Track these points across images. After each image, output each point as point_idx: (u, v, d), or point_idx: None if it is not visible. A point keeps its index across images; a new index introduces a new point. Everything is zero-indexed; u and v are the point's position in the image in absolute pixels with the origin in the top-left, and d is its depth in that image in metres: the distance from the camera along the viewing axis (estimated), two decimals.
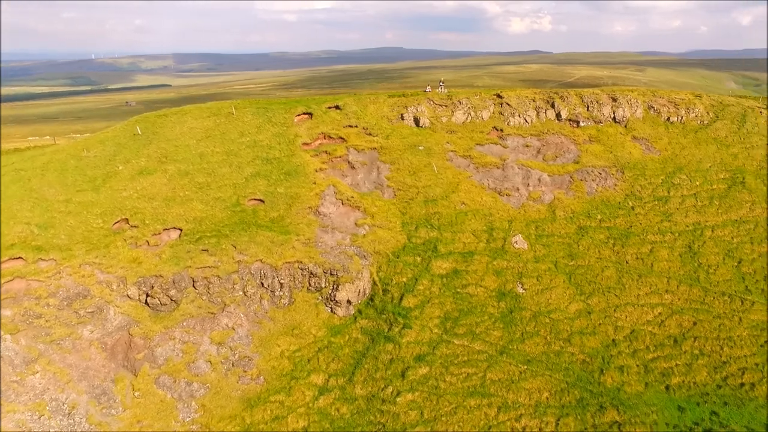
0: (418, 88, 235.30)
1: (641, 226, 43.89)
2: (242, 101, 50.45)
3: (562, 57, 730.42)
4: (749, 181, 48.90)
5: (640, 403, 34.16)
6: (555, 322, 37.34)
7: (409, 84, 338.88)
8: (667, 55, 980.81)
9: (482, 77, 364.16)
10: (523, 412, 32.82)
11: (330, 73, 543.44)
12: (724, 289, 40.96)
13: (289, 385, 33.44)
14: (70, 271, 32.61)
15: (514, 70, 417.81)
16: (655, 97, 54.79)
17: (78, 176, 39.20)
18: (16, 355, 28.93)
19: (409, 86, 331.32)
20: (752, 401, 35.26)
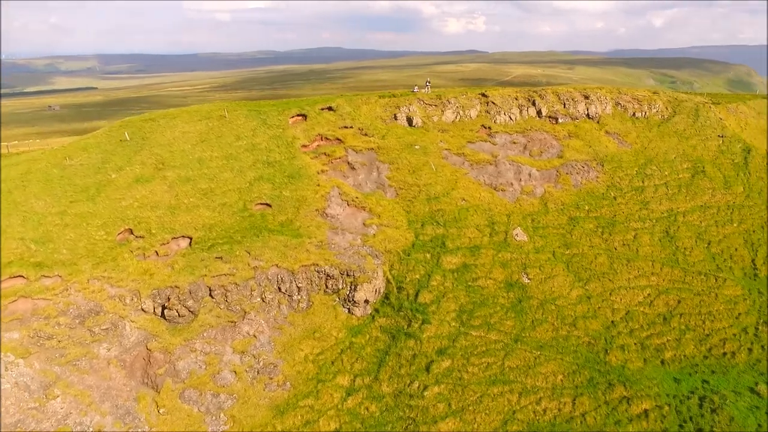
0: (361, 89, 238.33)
1: (624, 215, 47.24)
2: (232, 103, 49.07)
3: (497, 56, 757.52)
4: (708, 169, 53.81)
5: (642, 378, 36.91)
6: (560, 308, 39.52)
7: (350, 84, 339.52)
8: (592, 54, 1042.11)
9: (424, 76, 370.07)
10: (542, 395, 34.59)
11: (269, 73, 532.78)
12: (700, 269, 44.98)
13: (317, 389, 33.31)
14: (79, 287, 30.70)
15: (454, 69, 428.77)
16: (621, 95, 58.91)
17: (67, 186, 36.76)
18: (31, 380, 26.97)
19: (350, 86, 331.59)
20: (734, 368, 39.11)
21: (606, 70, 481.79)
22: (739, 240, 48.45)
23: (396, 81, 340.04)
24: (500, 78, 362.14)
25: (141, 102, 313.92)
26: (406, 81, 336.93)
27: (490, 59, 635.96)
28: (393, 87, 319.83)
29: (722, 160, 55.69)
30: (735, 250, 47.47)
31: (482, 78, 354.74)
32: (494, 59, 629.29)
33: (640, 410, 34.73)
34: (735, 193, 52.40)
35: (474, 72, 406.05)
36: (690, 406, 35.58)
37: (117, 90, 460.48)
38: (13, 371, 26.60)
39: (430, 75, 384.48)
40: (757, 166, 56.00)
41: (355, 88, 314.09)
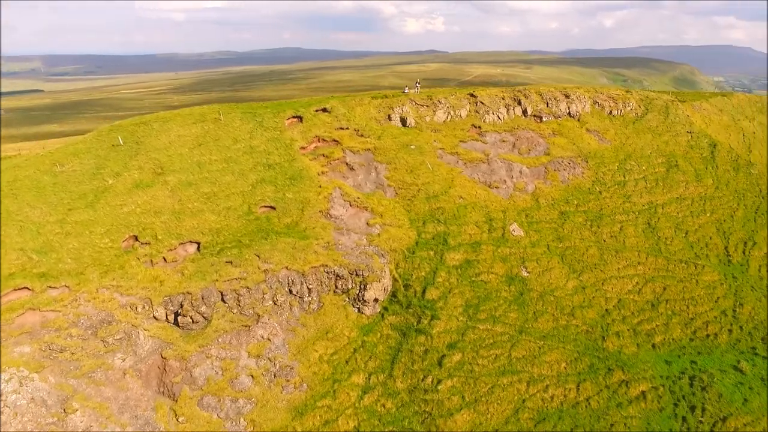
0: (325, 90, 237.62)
1: (609, 208, 49.62)
2: (225, 106, 48.31)
3: (458, 56, 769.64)
4: (681, 163, 57.15)
5: (638, 361, 39.07)
6: (558, 299, 41.22)
7: (313, 85, 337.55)
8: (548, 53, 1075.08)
9: (387, 77, 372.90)
10: (549, 383, 36.10)
11: (228, 74, 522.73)
12: (680, 257, 47.82)
13: (333, 389, 33.58)
14: (88, 297, 29.82)
15: (416, 69, 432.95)
16: (597, 94, 61.67)
17: (62, 194, 35.48)
18: (48, 395, 26.09)
19: (313, 87, 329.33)
20: (717, 348, 41.90)
21: (562, 69, 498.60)
22: (712, 229, 51.77)
23: (359, 82, 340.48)
24: (461, 78, 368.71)
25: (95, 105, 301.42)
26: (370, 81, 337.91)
27: (451, 59, 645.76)
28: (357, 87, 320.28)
29: (692, 154, 59.25)
30: (710, 238, 50.71)
31: (444, 78, 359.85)
32: (455, 59, 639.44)
33: (638, 392, 36.78)
34: (706, 185, 55.89)
35: (436, 72, 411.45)
36: (682, 385, 37.94)
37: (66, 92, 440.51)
38: (28, 386, 25.66)
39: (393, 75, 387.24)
40: (723, 160, 59.89)
41: (319, 89, 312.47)
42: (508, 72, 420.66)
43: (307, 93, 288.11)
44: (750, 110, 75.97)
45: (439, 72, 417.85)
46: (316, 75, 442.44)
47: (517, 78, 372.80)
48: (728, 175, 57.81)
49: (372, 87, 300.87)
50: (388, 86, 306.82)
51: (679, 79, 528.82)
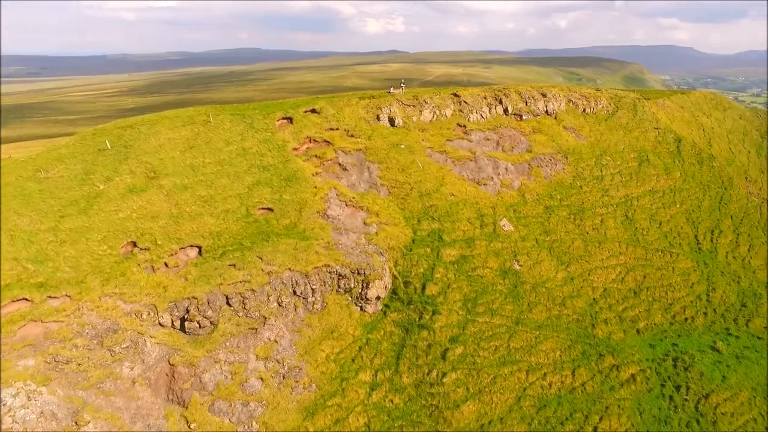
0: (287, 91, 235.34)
1: (590, 202, 51.89)
2: (213, 108, 47.51)
3: (419, 56, 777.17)
4: (651, 158, 60.32)
5: (625, 346, 41.19)
6: (550, 290, 42.88)
7: (275, 86, 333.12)
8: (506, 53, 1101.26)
9: (349, 77, 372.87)
10: (546, 371, 37.61)
11: (184, 76, 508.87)
12: (657, 247, 50.58)
13: (342, 387, 33.87)
14: (91, 306, 28.97)
15: (379, 70, 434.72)
16: (571, 92, 64.20)
17: (51, 201, 34.18)
18: (58, 408, 25.26)
19: (275, 88, 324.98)
20: (695, 330, 44.66)
21: (520, 68, 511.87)
22: (682, 219, 54.97)
23: (322, 82, 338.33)
24: (423, 78, 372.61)
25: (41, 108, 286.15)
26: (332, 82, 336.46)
27: (412, 59, 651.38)
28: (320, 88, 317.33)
29: (660, 149, 62.62)
30: (681, 228, 53.84)
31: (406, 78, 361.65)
32: (416, 59, 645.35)
33: (628, 375, 38.82)
34: (674, 178, 59.23)
35: (398, 72, 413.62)
36: (666, 367, 40.29)
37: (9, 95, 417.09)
38: (37, 400, 24.78)
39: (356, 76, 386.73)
40: (688, 154, 63.56)
41: (281, 89, 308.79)
42: (468, 72, 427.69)
43: (269, 94, 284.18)
44: (707, 107, 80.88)
45: (401, 72, 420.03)
46: (276, 76, 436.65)
47: (477, 77, 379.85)
48: (693, 168, 61.44)
49: (335, 88, 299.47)
50: (352, 87, 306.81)
51: (629, 78, 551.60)
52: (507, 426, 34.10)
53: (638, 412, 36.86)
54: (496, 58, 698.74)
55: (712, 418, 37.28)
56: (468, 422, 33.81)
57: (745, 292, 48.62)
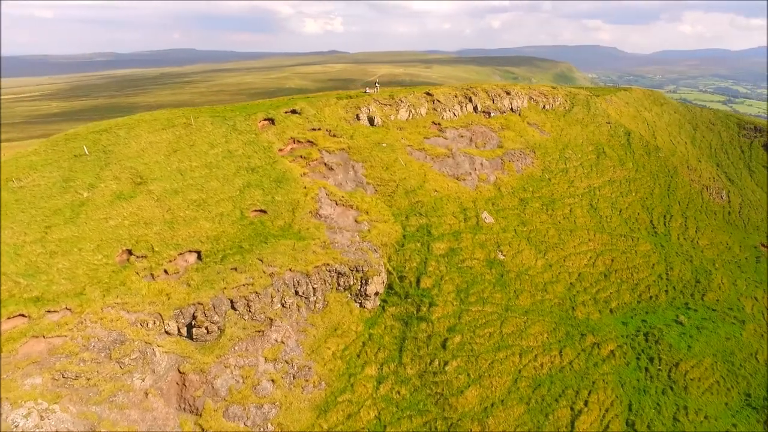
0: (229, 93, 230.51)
1: (559, 193, 55.13)
2: (193, 110, 46.11)
3: (360, 56, 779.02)
4: (607, 151, 64.79)
5: (602, 325, 44.39)
6: (532, 277, 45.35)
7: (215, 89, 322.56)
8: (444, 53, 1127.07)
9: (292, 78, 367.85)
10: (537, 353, 39.91)
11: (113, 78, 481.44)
12: (620, 232, 54.59)
13: (350, 383, 34.36)
14: (94, 318, 27.74)
15: (321, 71, 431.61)
16: (531, 90, 67.65)
17: (32, 211, 32.19)
18: (73, 425, 24.13)
19: (215, 90, 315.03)
20: (659, 307, 48.74)
21: (459, 68, 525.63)
22: (638, 206, 59.60)
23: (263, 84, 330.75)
24: (366, 78, 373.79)
25: None
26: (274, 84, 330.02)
27: (353, 59, 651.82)
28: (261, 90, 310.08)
29: (613, 142, 67.38)
30: (638, 214, 58.37)
31: (350, 78, 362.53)
32: (357, 59, 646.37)
33: (607, 352, 41.92)
34: (628, 168, 64.00)
35: (341, 73, 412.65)
36: (639, 341, 43.85)
37: None
38: (50, 418, 23.56)
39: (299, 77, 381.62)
40: (637, 146, 68.80)
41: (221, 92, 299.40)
42: (410, 71, 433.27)
43: (208, 97, 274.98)
44: (647, 102, 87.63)
45: (344, 73, 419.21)
46: (214, 77, 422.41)
47: (419, 77, 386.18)
48: (643, 159, 66.62)
49: (277, 89, 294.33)
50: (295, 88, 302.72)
51: (559, 76, 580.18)
52: (507, 407, 35.95)
53: (620, 385, 39.96)
54: (435, 58, 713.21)
55: (683, 384, 41.07)
56: (472, 406, 35.32)
57: (697, 269, 53.56)
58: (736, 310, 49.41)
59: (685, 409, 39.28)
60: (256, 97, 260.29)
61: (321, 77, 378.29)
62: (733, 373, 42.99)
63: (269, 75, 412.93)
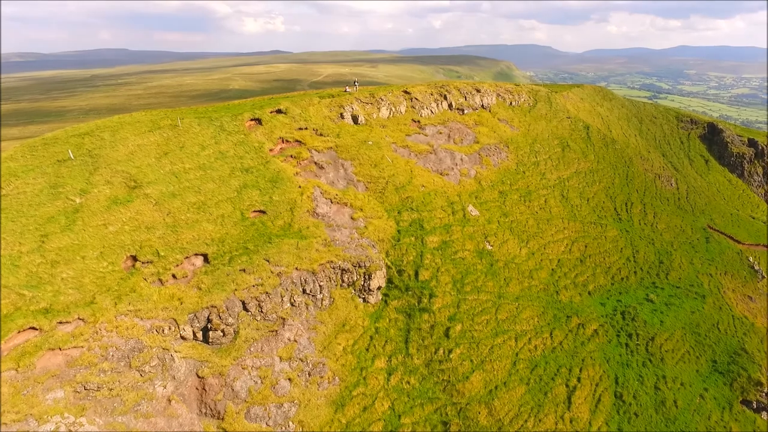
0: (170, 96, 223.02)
1: (533, 185, 58.00)
2: (175, 111, 44.64)
3: (304, 56, 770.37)
4: (571, 144, 68.66)
5: (584, 307, 47.41)
6: (518, 265, 47.65)
7: (153, 91, 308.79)
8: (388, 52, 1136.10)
9: (235, 80, 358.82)
10: (530, 336, 42.18)
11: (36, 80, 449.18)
12: (590, 220, 58.20)
13: (362, 376, 34.99)
14: (109, 327, 26.81)
15: (265, 71, 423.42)
16: (498, 87, 70.48)
17: (22, 219, 30.43)
18: None
19: (154, 92, 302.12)
20: (631, 287, 52.59)
21: (403, 67, 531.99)
22: (603, 195, 63.70)
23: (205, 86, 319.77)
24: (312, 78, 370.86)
25: None
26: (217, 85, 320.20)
27: (297, 59, 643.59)
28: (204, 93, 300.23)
29: (575, 136, 71.46)
30: (603, 202, 62.40)
31: (295, 78, 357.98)
32: (301, 59, 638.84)
33: (591, 331, 44.88)
34: (590, 160, 68.15)
35: (286, 73, 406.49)
36: (617, 320, 47.21)
37: None
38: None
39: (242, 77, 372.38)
40: (596, 139, 73.30)
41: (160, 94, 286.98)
42: (356, 71, 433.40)
43: (146, 99, 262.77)
44: (597, 98, 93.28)
45: (289, 73, 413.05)
46: (150, 79, 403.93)
47: (366, 77, 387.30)
48: (603, 151, 71.13)
49: (220, 91, 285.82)
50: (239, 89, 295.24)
51: (500, 74, 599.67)
52: (510, 389, 37.86)
53: (606, 360, 42.96)
54: (380, 57, 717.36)
55: (660, 356, 44.67)
56: (477, 390, 36.92)
57: (659, 251, 58.09)
58: (696, 286, 54.13)
59: (664, 378, 42.84)
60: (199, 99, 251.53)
61: (266, 77, 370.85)
62: (700, 343, 47.22)
63: (210, 76, 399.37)
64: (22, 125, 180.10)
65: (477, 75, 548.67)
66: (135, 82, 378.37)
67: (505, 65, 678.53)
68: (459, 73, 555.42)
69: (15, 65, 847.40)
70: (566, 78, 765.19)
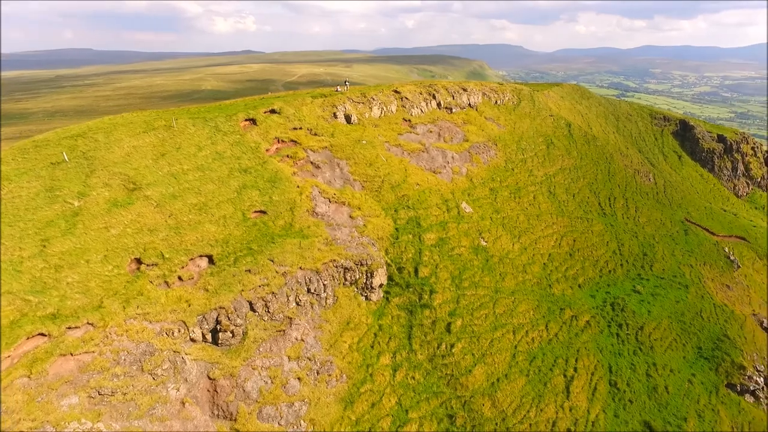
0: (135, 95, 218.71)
1: (522, 182, 59.29)
2: (167, 111, 43.96)
3: (277, 56, 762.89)
4: (555, 141, 70.37)
5: (575, 300, 48.82)
6: (512, 260, 48.71)
7: (122, 92, 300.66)
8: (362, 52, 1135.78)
9: (207, 80, 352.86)
10: (527, 329, 43.24)
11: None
12: (576, 215, 59.83)
13: (369, 373, 35.33)
14: (119, 331, 26.42)
15: (237, 71, 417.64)
16: (484, 87, 71.67)
17: (20, 224, 29.61)
18: None
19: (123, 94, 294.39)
20: (618, 279, 54.33)
21: (378, 67, 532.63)
22: (587, 190, 65.54)
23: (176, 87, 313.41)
24: (286, 78, 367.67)
25: None
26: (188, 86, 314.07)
27: (270, 59, 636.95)
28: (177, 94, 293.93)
29: (558, 133, 73.25)
30: (588, 198, 64.22)
31: (269, 79, 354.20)
32: (274, 59, 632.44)
33: (584, 323, 46.27)
34: (573, 157, 70.00)
35: (259, 73, 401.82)
36: (607, 311, 48.75)
37: None
38: None
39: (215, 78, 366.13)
40: (578, 136, 75.29)
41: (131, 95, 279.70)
42: (331, 71, 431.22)
43: (115, 101, 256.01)
44: (576, 96, 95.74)
45: (262, 73, 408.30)
46: (118, 79, 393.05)
47: (341, 76, 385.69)
48: (585, 148, 73.14)
49: (192, 91, 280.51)
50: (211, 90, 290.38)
51: (472, 73, 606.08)
52: (511, 380, 38.77)
53: (599, 350, 44.38)
54: (354, 57, 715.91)
55: (649, 344, 46.37)
56: (480, 383, 37.70)
57: (643, 244, 60.15)
58: (679, 276, 56.31)
59: (654, 366, 44.51)
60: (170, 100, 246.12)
61: (239, 78, 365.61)
62: (686, 331, 49.20)
63: (181, 76, 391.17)
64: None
65: (451, 74, 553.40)
66: (102, 83, 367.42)
67: (477, 65, 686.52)
68: (433, 72, 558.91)
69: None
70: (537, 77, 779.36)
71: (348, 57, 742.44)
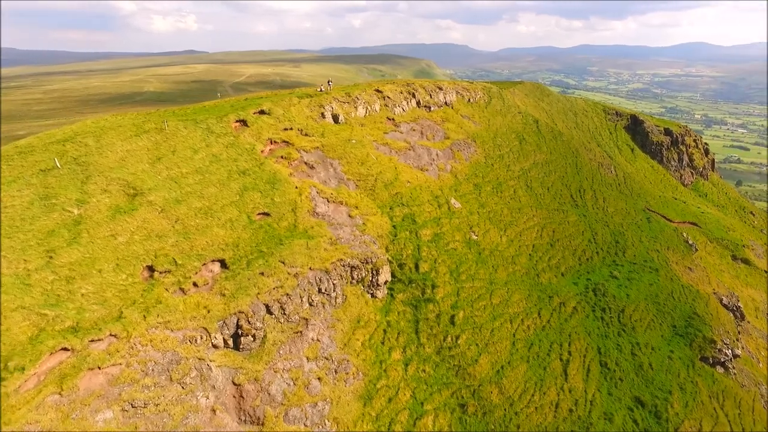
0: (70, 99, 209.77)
1: (502, 177, 61.40)
2: (157, 113, 42.28)
3: (220, 56, 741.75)
4: (526, 137, 73.24)
5: (561, 287, 51.31)
6: (501, 252, 50.52)
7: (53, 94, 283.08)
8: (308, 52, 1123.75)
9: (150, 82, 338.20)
10: (522, 317, 45.11)
11: None
12: (553, 207, 62.68)
13: (383, 369, 35.82)
14: (143, 341, 25.55)
15: (182, 72, 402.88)
16: (457, 85, 73.47)
17: (20, 235, 27.89)
18: None
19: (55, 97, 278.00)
20: (596, 266, 57.44)
21: (327, 66, 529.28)
22: (559, 183, 68.71)
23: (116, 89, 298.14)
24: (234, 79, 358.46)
25: None
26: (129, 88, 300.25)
27: (214, 60, 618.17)
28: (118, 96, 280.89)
29: (528, 130, 76.26)
30: (561, 190, 67.35)
31: (216, 80, 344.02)
32: (218, 59, 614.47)
33: (571, 309, 48.75)
34: (544, 152, 73.14)
35: (204, 74, 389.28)
36: (590, 297, 51.53)
37: None
38: None
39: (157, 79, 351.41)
40: (545, 132, 78.67)
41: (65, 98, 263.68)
42: (279, 71, 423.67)
43: (49, 104, 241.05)
44: (538, 93, 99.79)
45: (208, 74, 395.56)
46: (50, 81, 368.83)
47: (290, 77, 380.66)
48: (553, 143, 76.54)
49: (134, 93, 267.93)
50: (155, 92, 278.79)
51: (421, 72, 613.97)
52: (514, 367, 40.38)
53: (588, 334, 46.90)
54: (302, 57, 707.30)
55: (631, 325, 49.44)
56: (486, 372, 39.05)
57: (614, 232, 63.84)
58: (649, 261, 60.25)
59: (638, 345, 47.55)
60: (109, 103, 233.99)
61: (183, 78, 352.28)
62: (661, 311, 52.81)
63: (119, 78, 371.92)
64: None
65: (399, 73, 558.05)
66: (31, 85, 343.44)
67: (425, 64, 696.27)
68: (382, 72, 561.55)
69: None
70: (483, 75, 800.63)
71: (296, 57, 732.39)
